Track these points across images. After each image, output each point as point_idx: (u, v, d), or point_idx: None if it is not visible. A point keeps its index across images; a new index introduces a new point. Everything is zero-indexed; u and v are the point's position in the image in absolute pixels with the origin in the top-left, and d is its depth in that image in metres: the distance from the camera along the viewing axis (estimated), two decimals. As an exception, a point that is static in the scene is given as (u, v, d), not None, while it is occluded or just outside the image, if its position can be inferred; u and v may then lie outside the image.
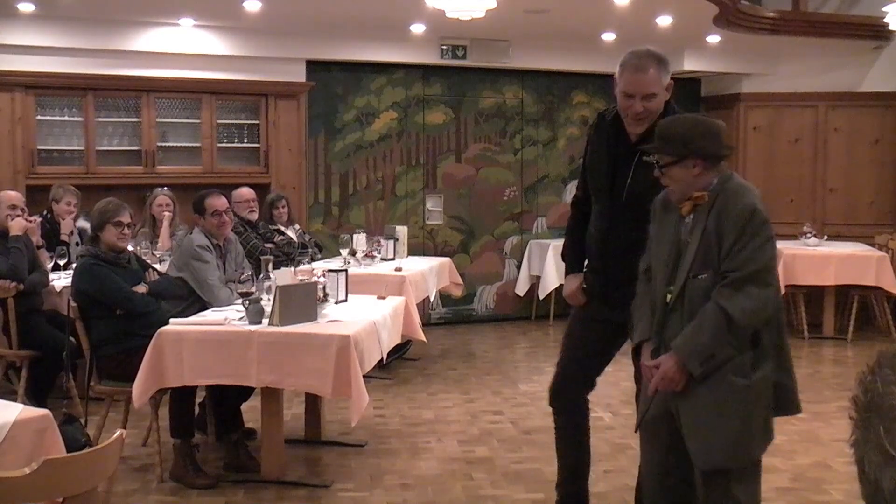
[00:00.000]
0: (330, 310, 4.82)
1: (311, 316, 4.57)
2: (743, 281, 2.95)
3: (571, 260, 3.86)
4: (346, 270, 5.41)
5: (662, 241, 3.17)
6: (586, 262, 3.82)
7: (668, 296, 3.10)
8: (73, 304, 4.93)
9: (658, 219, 3.24)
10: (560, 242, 4.11)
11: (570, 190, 9.42)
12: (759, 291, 2.97)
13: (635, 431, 3.37)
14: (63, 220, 6.72)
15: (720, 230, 3.00)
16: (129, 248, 5.35)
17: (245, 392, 4.95)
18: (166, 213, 7.05)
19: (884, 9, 7.14)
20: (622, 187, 3.53)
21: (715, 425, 3.03)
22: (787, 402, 3.15)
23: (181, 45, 7.97)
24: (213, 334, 4.45)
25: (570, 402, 3.84)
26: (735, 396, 3.01)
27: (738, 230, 2.97)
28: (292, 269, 5.57)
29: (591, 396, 3.90)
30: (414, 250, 8.25)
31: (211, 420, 5.18)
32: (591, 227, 3.71)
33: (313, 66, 8.57)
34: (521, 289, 9.31)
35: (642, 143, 3.48)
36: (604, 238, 3.62)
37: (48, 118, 7.74)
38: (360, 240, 7.25)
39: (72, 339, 5.19)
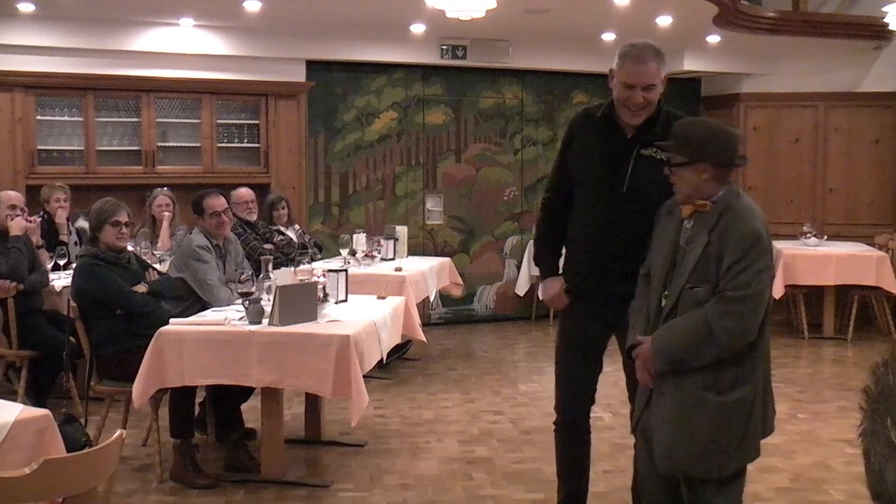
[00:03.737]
0: (330, 310, 4.82)
1: (311, 316, 4.56)
2: (734, 301, 2.97)
3: (549, 263, 3.82)
4: (346, 270, 5.41)
5: (661, 247, 3.21)
6: (564, 263, 3.78)
7: (664, 301, 3.14)
8: (73, 304, 4.94)
9: (661, 224, 3.27)
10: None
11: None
12: (746, 315, 2.99)
13: (631, 432, 3.39)
14: (57, 217, 6.72)
15: (722, 248, 3.01)
16: (129, 248, 5.35)
17: (245, 392, 4.95)
18: (166, 213, 7.05)
19: (884, 9, 7.13)
20: (622, 181, 3.50)
21: (680, 435, 3.05)
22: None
23: (181, 45, 7.97)
24: (213, 334, 4.45)
25: (574, 422, 3.82)
26: (704, 411, 3.02)
27: (741, 252, 2.98)
28: (292, 269, 5.57)
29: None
30: (414, 250, 8.26)
31: (211, 420, 5.18)
32: (582, 226, 3.63)
33: (313, 66, 8.57)
34: (521, 289, 9.30)
35: (641, 136, 3.49)
36: (603, 234, 3.56)
37: (48, 118, 7.74)
38: (360, 240, 7.25)
39: (72, 339, 5.19)
